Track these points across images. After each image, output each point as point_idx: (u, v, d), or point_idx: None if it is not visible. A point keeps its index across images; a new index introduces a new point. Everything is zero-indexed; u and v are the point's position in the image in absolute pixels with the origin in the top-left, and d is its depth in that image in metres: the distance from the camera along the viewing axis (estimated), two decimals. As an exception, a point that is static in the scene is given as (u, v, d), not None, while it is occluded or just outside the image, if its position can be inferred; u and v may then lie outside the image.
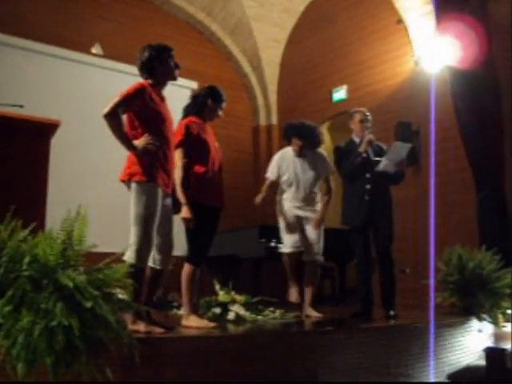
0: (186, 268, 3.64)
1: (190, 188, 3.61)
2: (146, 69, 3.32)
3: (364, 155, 4.62)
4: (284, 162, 4.87)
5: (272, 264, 6.28)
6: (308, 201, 4.79)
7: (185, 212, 3.54)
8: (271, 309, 4.61)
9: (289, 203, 4.79)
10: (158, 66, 3.31)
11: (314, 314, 4.68)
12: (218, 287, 4.68)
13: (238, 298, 4.52)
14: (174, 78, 3.42)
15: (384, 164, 4.58)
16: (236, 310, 4.31)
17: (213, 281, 4.60)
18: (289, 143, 4.89)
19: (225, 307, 4.34)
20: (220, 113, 3.89)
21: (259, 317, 4.39)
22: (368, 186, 4.62)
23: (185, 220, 3.55)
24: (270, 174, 4.92)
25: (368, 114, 4.82)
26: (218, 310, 4.28)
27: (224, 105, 3.89)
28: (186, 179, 3.61)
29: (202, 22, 8.69)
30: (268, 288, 5.93)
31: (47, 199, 3.27)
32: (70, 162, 6.61)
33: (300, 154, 4.81)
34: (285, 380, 3.07)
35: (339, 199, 4.94)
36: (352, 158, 4.64)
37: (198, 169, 3.67)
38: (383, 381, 3.55)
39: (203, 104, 3.83)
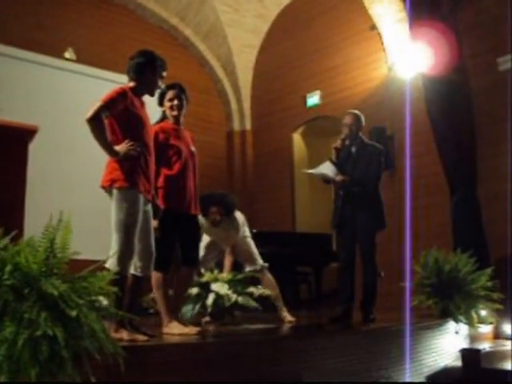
0: (154, 275, 3.57)
1: (158, 194, 3.58)
2: (136, 71, 3.29)
3: (335, 161, 4.63)
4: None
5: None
6: None
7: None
8: (259, 286, 4.59)
9: None
10: (148, 73, 3.29)
11: (288, 318, 4.71)
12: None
13: (223, 276, 4.48)
14: (152, 94, 3.41)
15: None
16: (217, 288, 4.23)
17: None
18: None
19: (206, 287, 4.28)
20: (175, 102, 3.84)
21: (239, 298, 4.30)
22: (341, 192, 4.68)
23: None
24: None
25: (348, 118, 4.80)
26: (194, 290, 4.21)
27: (175, 92, 3.88)
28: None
29: (176, 27, 8.68)
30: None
31: (25, 206, 3.22)
32: (48, 168, 6.47)
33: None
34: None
35: (324, 203, 4.95)
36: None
37: (167, 175, 3.66)
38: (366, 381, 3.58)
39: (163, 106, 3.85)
